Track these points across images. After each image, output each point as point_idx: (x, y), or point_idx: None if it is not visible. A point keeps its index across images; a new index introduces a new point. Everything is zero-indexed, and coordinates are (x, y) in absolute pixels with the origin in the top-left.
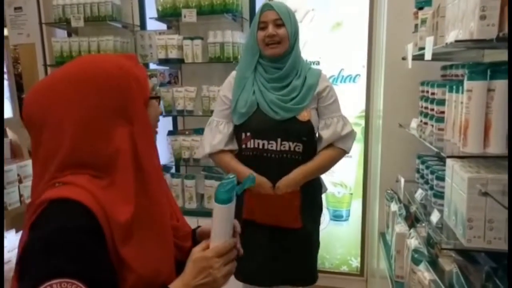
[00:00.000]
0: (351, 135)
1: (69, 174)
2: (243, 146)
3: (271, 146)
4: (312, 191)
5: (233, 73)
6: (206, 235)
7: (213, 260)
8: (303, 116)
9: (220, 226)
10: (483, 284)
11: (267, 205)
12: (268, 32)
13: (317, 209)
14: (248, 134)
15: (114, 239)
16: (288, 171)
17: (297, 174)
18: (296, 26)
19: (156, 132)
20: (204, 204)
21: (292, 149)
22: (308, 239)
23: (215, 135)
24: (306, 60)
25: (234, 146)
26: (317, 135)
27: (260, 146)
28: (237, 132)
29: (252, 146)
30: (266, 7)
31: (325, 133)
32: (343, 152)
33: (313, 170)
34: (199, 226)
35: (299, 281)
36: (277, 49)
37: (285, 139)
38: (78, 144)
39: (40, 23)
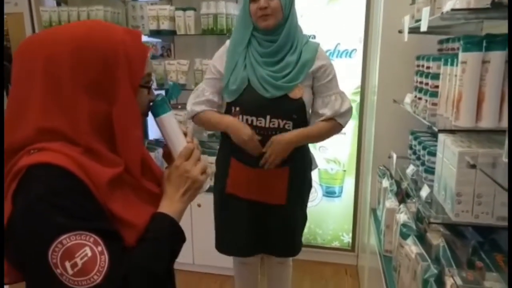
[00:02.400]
0: (349, 111)
1: (44, 141)
2: None
3: (260, 123)
4: (302, 168)
5: (227, 43)
6: (168, 155)
7: (183, 164)
8: (295, 93)
9: (173, 135)
10: (469, 258)
11: (254, 180)
12: (260, 4)
13: (307, 186)
14: (237, 109)
15: (101, 196)
16: None
17: (292, 134)
18: None
19: (144, 117)
20: None
21: (281, 126)
22: (291, 215)
23: (198, 99)
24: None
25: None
26: (309, 112)
27: (249, 122)
28: (227, 106)
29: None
30: None
31: (324, 111)
32: (340, 127)
33: (309, 135)
34: None
35: (279, 253)
36: (270, 21)
37: (274, 117)
38: (46, 106)
39: None
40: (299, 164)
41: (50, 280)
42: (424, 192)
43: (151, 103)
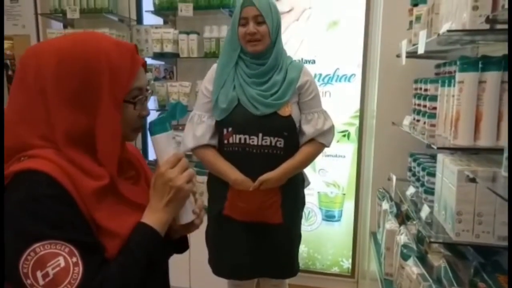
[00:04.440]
0: (331, 130)
1: (36, 148)
2: (225, 141)
3: (253, 141)
4: (294, 186)
5: (214, 66)
6: None
7: (168, 172)
8: (284, 111)
9: (165, 153)
10: (471, 279)
11: (247, 202)
12: (249, 29)
13: (299, 203)
14: (230, 129)
15: (86, 205)
16: (269, 165)
17: (279, 172)
18: (278, 20)
19: (130, 138)
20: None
21: (273, 144)
22: (288, 233)
23: (198, 127)
24: (298, 58)
25: (216, 141)
26: (298, 129)
27: (242, 141)
28: (218, 127)
29: (233, 141)
30: (247, 2)
31: (307, 129)
32: (323, 146)
33: (294, 167)
34: None
35: (278, 274)
36: (258, 47)
37: (266, 134)
38: (33, 114)
39: (36, 14)
40: (291, 182)
41: None
42: (424, 212)
43: (151, 120)
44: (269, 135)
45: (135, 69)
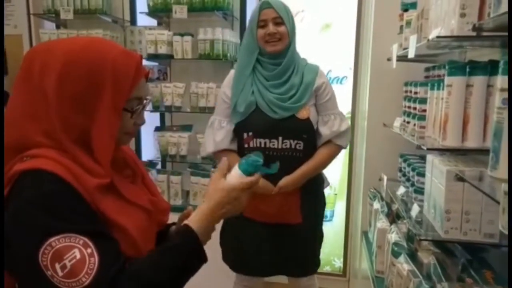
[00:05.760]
0: (348, 131)
1: (37, 146)
2: (245, 145)
3: (273, 145)
4: (314, 186)
5: (232, 71)
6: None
7: (245, 192)
8: (302, 114)
9: (234, 177)
10: (459, 275)
11: (268, 205)
12: (269, 30)
13: (319, 203)
14: (250, 133)
15: (92, 199)
16: (289, 168)
17: (297, 175)
18: (294, 23)
19: (122, 142)
20: (189, 200)
21: (293, 146)
22: (308, 232)
23: (218, 133)
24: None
25: (235, 145)
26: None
27: (262, 145)
28: (238, 132)
29: (254, 145)
30: (265, 5)
31: (324, 130)
32: (340, 148)
33: (312, 169)
34: (174, 223)
35: (298, 272)
36: (278, 46)
37: (286, 138)
38: (34, 110)
39: (28, 14)
40: (311, 183)
41: (41, 282)
42: (414, 211)
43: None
44: (289, 138)
45: (138, 79)
